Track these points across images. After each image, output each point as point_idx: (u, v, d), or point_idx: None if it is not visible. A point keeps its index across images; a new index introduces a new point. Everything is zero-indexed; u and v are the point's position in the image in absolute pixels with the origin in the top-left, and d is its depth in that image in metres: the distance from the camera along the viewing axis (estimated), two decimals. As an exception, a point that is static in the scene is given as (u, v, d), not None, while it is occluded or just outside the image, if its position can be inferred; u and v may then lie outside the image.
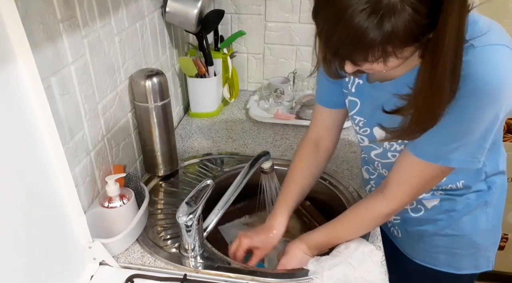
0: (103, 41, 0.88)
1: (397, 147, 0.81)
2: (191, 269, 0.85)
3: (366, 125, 0.86)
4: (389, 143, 0.81)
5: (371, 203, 0.83)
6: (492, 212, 0.88)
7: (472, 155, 0.69)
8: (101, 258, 0.85)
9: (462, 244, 0.90)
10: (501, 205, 0.91)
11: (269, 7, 1.49)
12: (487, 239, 0.91)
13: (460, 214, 0.87)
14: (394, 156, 0.83)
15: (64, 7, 0.72)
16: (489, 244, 0.92)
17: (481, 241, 0.90)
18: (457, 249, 0.91)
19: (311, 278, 0.82)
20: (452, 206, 0.87)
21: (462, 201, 0.86)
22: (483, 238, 0.90)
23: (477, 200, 0.86)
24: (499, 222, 0.91)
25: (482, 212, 0.87)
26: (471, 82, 0.62)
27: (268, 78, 1.57)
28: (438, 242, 0.91)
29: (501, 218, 0.92)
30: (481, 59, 0.62)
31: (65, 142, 0.75)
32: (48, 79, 0.70)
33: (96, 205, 0.86)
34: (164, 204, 1.04)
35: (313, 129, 0.99)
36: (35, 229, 0.69)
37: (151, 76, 0.96)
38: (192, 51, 1.45)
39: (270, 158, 0.97)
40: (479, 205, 0.86)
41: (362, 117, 0.86)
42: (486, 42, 0.63)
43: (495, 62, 0.63)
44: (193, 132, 1.37)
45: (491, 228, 0.89)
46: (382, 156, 0.87)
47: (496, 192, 0.87)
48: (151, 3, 1.12)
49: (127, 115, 1.03)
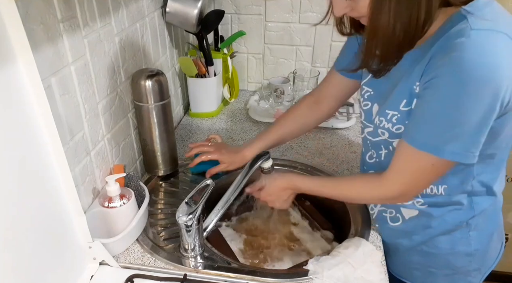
0: (103, 41, 0.88)
1: (385, 123, 0.79)
2: (191, 269, 0.85)
3: (370, 98, 0.85)
4: (379, 119, 0.80)
5: (368, 185, 0.83)
6: (477, 236, 0.83)
7: (466, 148, 0.67)
8: (101, 258, 0.85)
9: (438, 264, 0.87)
10: (490, 230, 0.86)
11: (269, 7, 1.49)
12: (467, 264, 0.86)
13: (436, 231, 0.84)
14: (383, 133, 0.81)
15: (64, 7, 0.72)
16: (471, 269, 0.86)
17: (460, 264, 0.86)
18: (433, 268, 0.88)
19: (311, 278, 0.82)
20: (428, 221, 0.83)
21: (438, 217, 0.82)
22: (462, 261, 0.85)
23: (455, 219, 0.82)
24: (486, 247, 0.86)
25: (463, 234, 0.83)
26: (462, 66, 0.61)
27: (268, 78, 1.57)
28: (413, 258, 0.90)
29: (490, 243, 0.86)
30: (475, 43, 0.61)
31: (65, 142, 0.76)
32: (48, 79, 0.70)
33: (96, 205, 0.86)
34: (164, 204, 1.04)
35: (319, 89, 1.04)
36: (35, 229, 0.69)
37: (151, 76, 0.96)
38: (192, 51, 1.45)
39: (270, 158, 0.97)
40: (459, 227, 0.82)
41: (370, 88, 0.85)
42: (485, 26, 0.62)
43: (490, 49, 0.61)
44: (193, 132, 1.37)
45: (473, 253, 0.84)
46: (373, 134, 0.85)
47: (483, 216, 0.82)
48: (151, 3, 1.12)
49: (127, 115, 1.03)
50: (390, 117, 0.77)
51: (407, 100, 0.73)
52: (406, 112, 0.74)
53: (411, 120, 0.72)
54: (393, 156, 0.77)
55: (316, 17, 1.46)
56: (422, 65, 0.69)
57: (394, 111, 0.76)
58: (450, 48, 0.63)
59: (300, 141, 1.30)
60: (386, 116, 0.78)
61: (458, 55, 0.62)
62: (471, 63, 0.61)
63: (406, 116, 0.74)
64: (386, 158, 0.84)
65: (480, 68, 0.61)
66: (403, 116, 0.75)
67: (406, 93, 0.73)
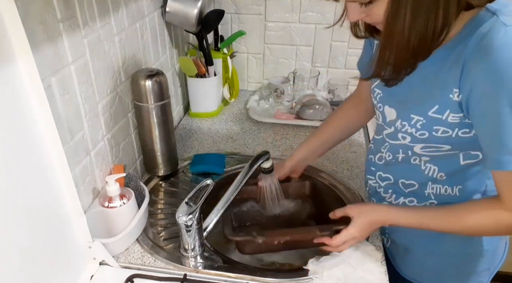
0: (103, 41, 0.88)
1: (408, 128, 0.76)
2: (191, 269, 0.85)
3: (381, 100, 0.83)
4: (401, 124, 0.77)
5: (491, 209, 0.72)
6: (487, 237, 0.82)
7: None
8: (101, 258, 0.85)
9: (450, 265, 0.86)
10: None
11: (269, 7, 1.49)
12: (478, 264, 0.85)
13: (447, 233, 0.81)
14: (404, 138, 0.78)
15: (64, 7, 0.72)
16: (481, 269, 0.86)
17: (472, 265, 0.85)
18: (445, 270, 0.87)
19: (311, 278, 0.82)
20: None
21: None
22: (474, 262, 0.85)
23: None
24: (496, 247, 0.85)
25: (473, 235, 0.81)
26: (506, 68, 0.58)
27: (268, 78, 1.57)
28: (423, 260, 0.89)
29: (499, 243, 0.86)
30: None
31: (65, 142, 0.76)
32: (48, 79, 0.70)
33: (96, 205, 0.86)
34: (164, 204, 1.04)
35: (358, 89, 1.01)
36: (35, 229, 0.69)
37: (151, 76, 0.96)
38: (192, 51, 1.45)
39: (270, 158, 0.96)
40: None
41: (380, 90, 0.83)
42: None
43: None
44: (193, 132, 1.37)
45: (483, 254, 0.83)
46: (392, 137, 0.82)
47: None
48: (151, 3, 1.12)
49: (127, 115, 1.03)
50: (415, 122, 0.74)
51: (439, 106, 0.70)
52: (434, 119, 0.71)
53: (487, 146, 0.67)
54: (497, 188, 0.70)
55: (316, 17, 1.46)
56: (456, 70, 0.65)
57: (420, 116, 0.73)
58: (487, 49, 0.60)
59: (300, 141, 1.30)
60: (410, 121, 0.75)
61: (501, 56, 0.58)
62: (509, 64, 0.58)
63: (432, 122, 0.71)
64: (403, 162, 0.82)
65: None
66: (429, 122, 0.72)
67: (438, 99, 0.69)
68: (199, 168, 1.13)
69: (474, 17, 0.64)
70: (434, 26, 0.61)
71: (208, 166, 1.14)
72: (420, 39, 0.63)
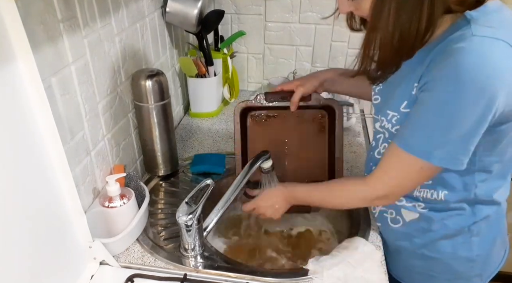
0: (104, 41, 0.88)
1: (385, 123, 0.79)
2: (191, 269, 0.85)
3: (378, 92, 0.84)
4: (381, 118, 0.80)
5: (354, 186, 0.83)
6: (479, 241, 0.82)
7: (454, 155, 0.67)
8: (101, 258, 0.85)
9: (439, 268, 0.87)
10: (492, 236, 0.84)
11: (269, 7, 1.49)
12: (469, 269, 0.85)
13: (436, 235, 0.83)
14: (383, 133, 0.82)
15: (64, 8, 0.72)
16: (473, 274, 0.86)
17: (462, 269, 0.85)
18: (434, 272, 0.88)
19: (311, 278, 0.82)
20: (429, 225, 0.82)
21: (438, 222, 0.81)
22: (464, 266, 0.85)
23: (456, 224, 0.81)
24: (489, 253, 0.85)
25: (465, 239, 0.82)
26: (458, 72, 0.61)
27: (268, 78, 1.57)
28: (414, 261, 0.89)
29: (493, 249, 0.86)
30: (475, 50, 0.61)
31: (65, 142, 0.76)
32: (48, 79, 0.70)
33: (96, 205, 0.86)
34: (164, 204, 1.04)
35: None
36: (35, 229, 0.69)
37: (151, 76, 0.96)
38: (192, 51, 1.45)
39: (270, 158, 0.97)
40: (461, 232, 0.81)
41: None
42: (487, 33, 0.61)
43: (488, 56, 0.60)
44: (193, 132, 1.37)
45: (475, 258, 0.83)
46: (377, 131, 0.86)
47: (486, 222, 0.81)
48: (151, 3, 1.12)
49: (127, 115, 1.03)
50: (390, 118, 0.77)
51: (407, 101, 0.73)
52: (406, 113, 0.74)
53: (404, 123, 0.72)
54: (382, 156, 0.77)
55: (316, 17, 1.46)
56: (422, 67, 0.69)
57: (394, 112, 0.76)
58: (449, 53, 0.63)
59: (300, 141, 1.30)
60: (387, 117, 0.78)
61: (455, 60, 0.61)
62: (468, 69, 0.60)
63: (405, 117, 0.74)
64: None
65: (476, 75, 0.60)
66: (402, 117, 0.74)
67: (406, 94, 0.73)
68: (199, 168, 1.13)
69: (452, 25, 0.67)
70: (418, 25, 0.63)
71: (208, 166, 1.14)
72: (403, 37, 0.64)
